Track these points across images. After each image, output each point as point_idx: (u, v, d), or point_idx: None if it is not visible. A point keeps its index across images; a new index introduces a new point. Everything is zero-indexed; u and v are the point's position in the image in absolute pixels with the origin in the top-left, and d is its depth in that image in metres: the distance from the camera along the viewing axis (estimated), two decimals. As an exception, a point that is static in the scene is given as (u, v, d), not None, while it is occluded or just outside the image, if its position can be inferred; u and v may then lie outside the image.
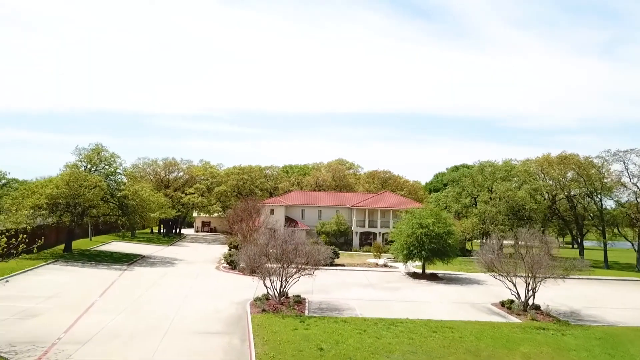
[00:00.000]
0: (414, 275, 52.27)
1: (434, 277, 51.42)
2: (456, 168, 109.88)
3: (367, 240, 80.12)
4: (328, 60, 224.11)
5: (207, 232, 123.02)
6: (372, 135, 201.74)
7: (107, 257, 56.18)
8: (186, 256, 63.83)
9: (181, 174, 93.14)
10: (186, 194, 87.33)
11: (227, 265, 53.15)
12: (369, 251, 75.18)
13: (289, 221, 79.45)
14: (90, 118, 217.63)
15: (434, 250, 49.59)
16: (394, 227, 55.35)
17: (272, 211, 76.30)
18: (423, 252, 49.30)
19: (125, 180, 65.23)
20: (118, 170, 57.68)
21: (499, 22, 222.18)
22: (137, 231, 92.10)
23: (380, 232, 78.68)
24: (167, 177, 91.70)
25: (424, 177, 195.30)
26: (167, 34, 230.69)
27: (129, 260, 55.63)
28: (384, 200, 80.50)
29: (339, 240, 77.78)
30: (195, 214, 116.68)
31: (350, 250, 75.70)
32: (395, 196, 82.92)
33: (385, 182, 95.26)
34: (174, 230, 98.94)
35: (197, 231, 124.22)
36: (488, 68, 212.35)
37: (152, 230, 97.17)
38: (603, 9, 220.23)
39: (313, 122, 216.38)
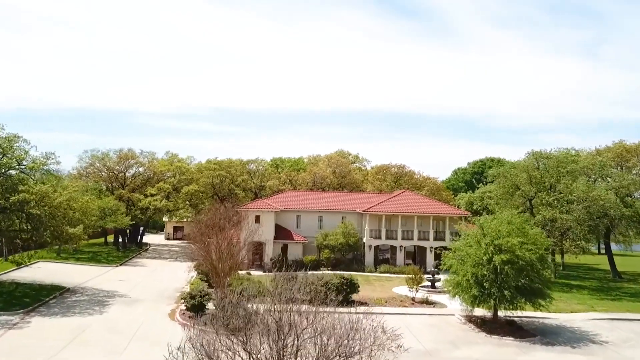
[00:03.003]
0: (483, 325, 33.21)
1: (513, 328, 32.62)
2: (499, 162, 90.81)
3: (382, 254, 61.07)
4: (311, 58, 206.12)
5: (180, 239, 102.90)
6: (348, 135, 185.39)
7: (2, 295, 36.27)
8: (134, 286, 44.19)
9: (142, 169, 73.10)
10: (146, 196, 67.37)
11: (188, 310, 33.64)
12: (387, 272, 56.20)
13: (280, 232, 60.00)
14: (65, 115, 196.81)
15: (523, 289, 30.68)
16: (449, 246, 35.86)
17: (257, 219, 56.77)
18: (506, 293, 30.31)
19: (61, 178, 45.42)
20: (25, 162, 37.68)
21: (482, 21, 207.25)
22: (83, 242, 71.90)
23: (401, 246, 59.57)
24: (123, 174, 71.62)
25: (434, 174, 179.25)
26: (142, 29, 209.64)
27: (35, 299, 35.86)
28: (404, 202, 61.44)
29: (346, 257, 58.62)
30: (165, 218, 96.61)
31: (364, 271, 56.55)
32: (418, 197, 63.87)
33: (398, 179, 76.33)
34: (138, 238, 78.63)
35: (168, 238, 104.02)
36: (470, 67, 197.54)
37: (106, 240, 76.92)
38: (585, 9, 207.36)
39: (287, 121, 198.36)
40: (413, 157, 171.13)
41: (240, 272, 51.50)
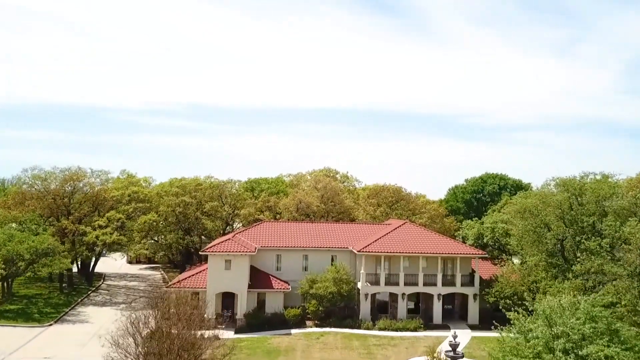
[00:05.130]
0: None
1: None
2: (497, 178, 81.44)
3: (380, 299, 50.68)
4: (296, 56, 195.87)
5: (145, 263, 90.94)
6: (334, 133, 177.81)
7: None
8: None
9: (92, 191, 60.99)
10: (94, 228, 55.68)
11: None
12: (388, 328, 46.11)
13: (257, 276, 49.05)
14: (39, 111, 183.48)
15: None
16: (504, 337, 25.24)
17: (227, 264, 45.76)
18: None
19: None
20: None
21: (460, 18, 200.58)
22: (19, 279, 59.80)
23: (404, 294, 49.25)
24: (68, 199, 59.66)
25: (429, 191, 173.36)
26: (133, 27, 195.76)
27: None
28: (406, 238, 51.10)
29: (338, 305, 47.98)
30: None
31: (359, 327, 46.16)
32: (421, 230, 53.49)
33: (394, 203, 65.98)
34: (90, 268, 65.84)
35: (130, 262, 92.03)
36: (448, 64, 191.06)
37: (50, 276, 64.35)
38: (560, 7, 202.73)
39: (272, 118, 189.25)
40: (397, 155, 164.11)
41: (205, 333, 40.69)
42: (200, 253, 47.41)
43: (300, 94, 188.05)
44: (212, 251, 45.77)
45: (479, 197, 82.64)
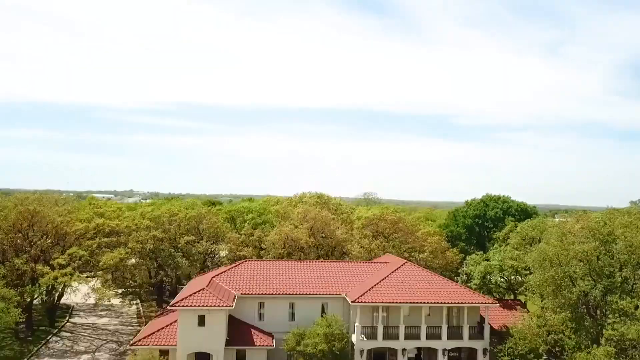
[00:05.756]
0: None
1: None
2: (499, 200, 75.88)
3: (377, 351, 44.56)
4: (288, 54, 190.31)
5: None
6: (320, 132, 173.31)
7: None
8: None
9: (54, 224, 53.79)
10: (53, 268, 48.94)
11: None
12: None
13: (236, 328, 42.64)
14: (30, 110, 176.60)
15: None
16: None
17: (201, 320, 39.25)
18: None
19: None
20: None
21: (450, 20, 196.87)
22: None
23: (404, 349, 43.10)
24: (27, 229, 52.78)
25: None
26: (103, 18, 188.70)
27: None
28: (406, 283, 44.91)
29: (329, 362, 41.75)
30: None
31: (353, 391, 39.96)
32: (422, 273, 47.17)
33: (391, 234, 59.70)
34: (54, 303, 58.51)
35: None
36: (438, 65, 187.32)
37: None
38: (548, 10, 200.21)
39: (265, 118, 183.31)
40: (389, 155, 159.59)
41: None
42: (168, 308, 41.06)
43: (298, 94, 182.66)
44: (183, 305, 39.24)
45: (480, 222, 76.99)
